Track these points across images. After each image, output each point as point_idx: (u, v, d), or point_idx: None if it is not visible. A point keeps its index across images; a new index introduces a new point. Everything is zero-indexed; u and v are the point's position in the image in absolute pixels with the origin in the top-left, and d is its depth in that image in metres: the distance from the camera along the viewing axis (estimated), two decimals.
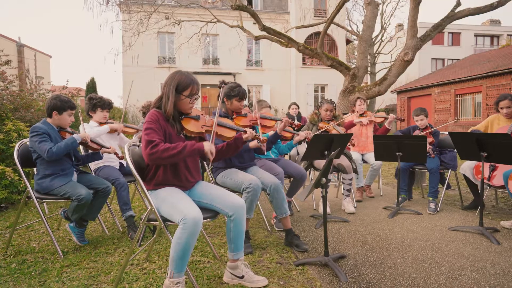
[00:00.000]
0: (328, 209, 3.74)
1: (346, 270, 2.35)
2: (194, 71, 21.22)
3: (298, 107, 6.45)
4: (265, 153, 3.12)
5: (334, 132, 3.94)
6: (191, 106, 2.15)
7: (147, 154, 1.88)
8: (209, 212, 2.09)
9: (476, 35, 30.23)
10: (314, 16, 21.25)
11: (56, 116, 2.74)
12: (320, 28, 19.72)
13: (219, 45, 21.64)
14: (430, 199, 3.98)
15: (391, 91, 21.01)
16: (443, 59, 28.89)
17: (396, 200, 3.82)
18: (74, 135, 2.67)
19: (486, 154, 3.01)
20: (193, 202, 1.92)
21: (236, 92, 2.89)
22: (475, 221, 3.46)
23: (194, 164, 2.18)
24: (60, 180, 2.61)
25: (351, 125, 4.52)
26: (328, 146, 3.38)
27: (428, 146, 3.96)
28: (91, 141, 2.88)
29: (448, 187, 4.44)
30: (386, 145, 3.78)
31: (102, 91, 33.29)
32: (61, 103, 2.74)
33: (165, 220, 1.94)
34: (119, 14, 10.32)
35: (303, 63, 22.25)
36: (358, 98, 4.76)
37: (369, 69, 25.90)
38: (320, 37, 11.26)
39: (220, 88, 3.03)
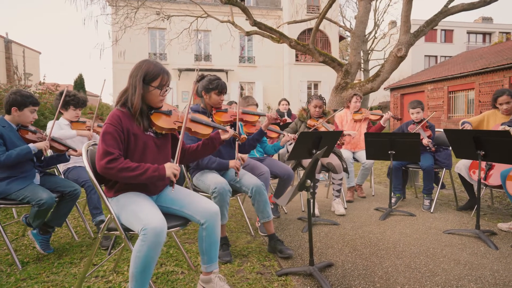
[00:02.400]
0: (316, 211, 3.54)
1: (333, 281, 2.14)
2: (185, 68, 20.90)
3: (288, 104, 6.24)
4: (249, 151, 2.90)
5: (323, 129, 3.73)
6: (162, 99, 1.92)
7: (101, 167, 1.65)
8: (179, 219, 1.86)
9: (469, 32, 30.29)
10: (307, 12, 21.01)
11: (15, 113, 2.48)
12: (313, 24, 19.51)
13: (211, 42, 21.31)
14: (425, 195, 3.80)
15: (384, 88, 20.90)
16: (436, 56, 28.90)
17: (389, 201, 3.63)
18: (31, 145, 2.40)
19: (483, 152, 2.83)
20: (157, 209, 1.69)
21: (215, 85, 2.66)
22: (470, 223, 3.29)
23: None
24: (18, 184, 2.36)
25: (380, 129, 4.30)
26: (316, 144, 3.17)
27: (426, 140, 3.76)
28: (56, 141, 2.63)
29: (443, 186, 4.26)
30: (377, 143, 3.58)
31: (92, 88, 32.76)
32: (21, 98, 2.48)
33: (127, 229, 1.71)
34: (105, 7, 9.96)
35: (296, 60, 22.02)
36: (354, 94, 4.54)
37: (362, 66, 25.79)
38: (312, 33, 11.05)
39: (198, 82, 2.83)
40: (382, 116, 4.34)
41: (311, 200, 2.22)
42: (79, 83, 14.57)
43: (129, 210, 1.67)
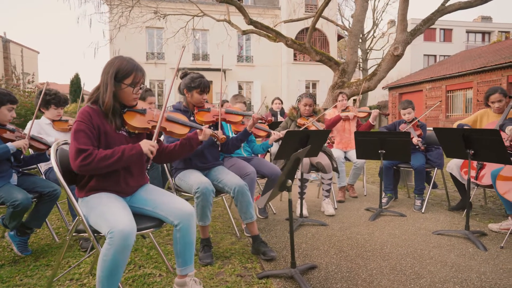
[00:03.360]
0: (305, 212, 3.48)
1: (315, 284, 2.08)
2: (183, 67, 20.74)
3: (282, 103, 6.17)
4: (233, 151, 2.84)
5: (313, 128, 3.67)
6: (135, 97, 1.86)
7: (76, 166, 1.59)
8: (152, 220, 1.80)
9: (468, 32, 30.20)
10: (306, 11, 20.92)
11: None
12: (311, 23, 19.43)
13: (209, 41, 21.23)
14: (416, 195, 3.75)
15: (383, 87, 20.85)
16: (435, 56, 28.83)
17: (379, 201, 3.56)
18: (9, 144, 2.34)
19: (473, 151, 2.76)
20: (127, 211, 1.63)
21: (197, 84, 2.60)
22: (461, 224, 3.22)
23: (138, 165, 1.89)
24: None
25: (337, 120, 4.24)
26: (304, 143, 3.11)
27: (416, 138, 3.71)
28: (36, 140, 2.57)
29: (435, 186, 4.21)
30: (368, 142, 3.52)
31: (90, 87, 32.67)
32: None
33: (96, 231, 1.65)
34: (99, 6, 9.89)
35: (294, 59, 21.95)
36: (340, 92, 4.48)
37: (361, 65, 25.73)
38: (308, 32, 11.00)
39: (181, 79, 2.77)
40: (369, 113, 4.28)
41: (294, 200, 2.15)
42: (76, 82, 14.50)
43: (98, 211, 1.61)
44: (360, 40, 25.58)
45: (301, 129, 3.69)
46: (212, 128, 2.53)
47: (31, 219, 2.52)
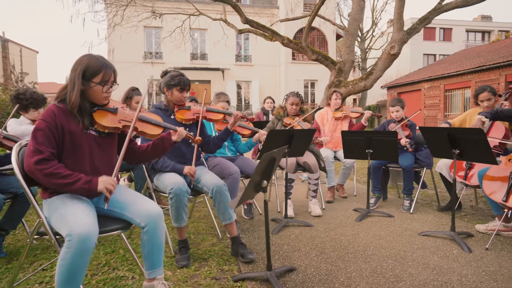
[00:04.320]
0: (291, 212, 3.42)
1: (291, 287, 2.03)
2: (181, 67, 20.75)
3: (274, 102, 6.11)
4: (215, 151, 2.78)
5: (298, 128, 3.61)
6: (106, 96, 1.81)
7: (29, 165, 1.54)
8: (120, 222, 1.75)
9: (468, 31, 30.09)
10: (304, 11, 20.84)
11: None
12: (314, 23, 19.33)
13: (207, 40, 21.17)
14: (405, 196, 3.69)
15: (381, 87, 20.78)
16: (434, 55, 28.73)
17: (367, 202, 3.50)
18: None
19: (458, 151, 2.71)
20: (89, 213, 1.57)
21: (176, 81, 2.55)
22: (449, 224, 3.13)
23: (108, 165, 1.83)
24: None
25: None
26: (288, 142, 3.06)
27: (404, 140, 3.66)
28: (9, 139, 2.52)
29: (424, 186, 4.15)
30: (355, 142, 3.46)
31: None
32: None
33: (58, 233, 1.60)
34: (94, 4, 9.84)
35: (293, 59, 21.89)
36: (334, 91, 4.42)
37: (360, 64, 25.63)
38: (305, 30, 10.92)
39: (161, 77, 2.72)
40: (362, 114, 4.23)
41: (281, 201, 2.10)
42: None
43: (59, 213, 1.56)
44: (359, 40, 25.51)
45: (287, 128, 3.64)
46: (187, 129, 2.48)
47: (6, 220, 2.47)
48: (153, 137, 1.94)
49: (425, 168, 3.71)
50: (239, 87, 22.44)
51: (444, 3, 9.83)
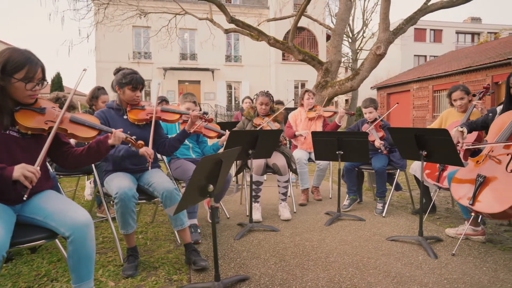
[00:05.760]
0: (258, 216, 3.29)
1: None
2: (171, 67, 20.57)
3: (252, 102, 5.98)
4: (170, 153, 2.65)
5: (268, 128, 3.49)
6: (31, 95, 1.66)
7: None
8: (43, 231, 1.60)
9: (458, 32, 30.34)
10: (294, 11, 20.76)
11: None
12: (301, 23, 19.24)
13: (197, 40, 20.99)
14: (378, 199, 3.59)
15: (371, 87, 20.79)
16: (425, 56, 28.90)
17: (337, 205, 3.38)
18: None
19: (426, 152, 2.60)
20: (2, 222, 1.42)
21: (128, 80, 2.40)
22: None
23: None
24: None
25: (291, 136, 4.11)
26: (253, 144, 2.93)
27: (378, 142, 3.55)
28: None
29: (399, 188, 4.05)
30: (325, 143, 3.34)
31: (72, 86, 32.27)
32: None
33: None
34: (76, 2, 9.62)
35: (283, 59, 21.80)
36: (306, 91, 4.30)
37: (350, 65, 25.65)
38: (291, 30, 10.82)
39: (114, 75, 2.57)
40: (335, 113, 4.11)
41: (216, 209, 1.96)
42: (57, 82, 14.20)
43: None
44: (350, 40, 25.51)
45: (257, 129, 3.50)
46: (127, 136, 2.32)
47: None
48: (86, 140, 1.80)
49: (398, 170, 3.61)
50: (229, 87, 22.30)
51: (430, 3, 9.81)
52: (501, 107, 2.66)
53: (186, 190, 1.69)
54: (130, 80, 2.41)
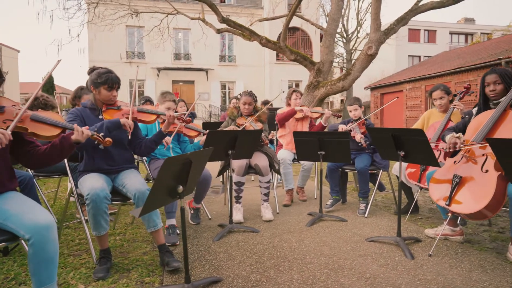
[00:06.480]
0: (239, 217, 3.27)
1: None
2: (164, 67, 20.48)
3: None
4: (147, 154, 2.62)
5: (251, 128, 3.47)
6: None
7: None
8: (4, 234, 1.57)
9: (452, 33, 30.52)
10: (288, 11, 20.75)
11: None
12: (295, 23, 19.25)
13: (191, 40, 20.91)
14: (361, 199, 3.58)
15: (365, 88, 20.85)
16: (419, 56, 29.02)
17: (319, 206, 3.37)
18: None
19: (403, 153, 2.59)
20: None
21: (103, 79, 2.37)
22: (402, 228, 3.04)
23: None
24: None
25: (291, 114, 4.04)
26: (232, 144, 2.90)
27: (359, 136, 3.53)
28: None
29: (382, 188, 4.04)
30: (307, 143, 3.33)
31: (66, 86, 32.07)
32: None
33: None
34: (65, 2, 9.54)
35: (277, 59, 21.78)
36: (294, 91, 4.28)
37: (345, 65, 25.70)
38: (282, 30, 10.85)
39: (88, 74, 2.54)
40: (322, 114, 4.10)
41: (184, 208, 1.94)
42: (48, 82, 14.08)
43: None
44: (345, 41, 25.57)
45: (240, 129, 3.48)
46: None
47: None
48: (48, 138, 1.77)
49: (381, 170, 3.61)
50: (223, 87, 22.25)
51: (420, 4, 9.85)
52: (476, 109, 2.66)
53: (151, 192, 1.67)
54: (106, 80, 2.37)
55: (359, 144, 3.50)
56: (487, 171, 2.27)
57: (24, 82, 33.31)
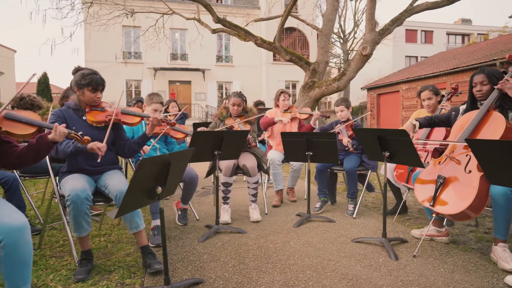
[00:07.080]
0: (227, 218, 3.25)
1: None
2: (161, 67, 20.45)
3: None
4: (131, 156, 2.60)
5: (238, 129, 3.46)
6: None
7: None
8: None
9: (448, 34, 30.60)
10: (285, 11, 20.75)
11: None
12: (292, 23, 19.28)
13: (188, 40, 20.88)
14: (349, 200, 3.57)
15: (361, 88, 20.87)
16: (416, 57, 29.09)
17: (307, 207, 3.36)
18: None
19: (388, 153, 2.59)
20: None
21: (88, 81, 2.35)
22: (388, 229, 3.04)
23: None
24: None
25: (270, 123, 4.06)
26: (218, 145, 2.89)
27: (346, 139, 3.53)
28: None
29: (371, 189, 4.04)
30: (295, 144, 3.32)
31: (64, 86, 32.00)
32: None
33: None
34: (59, 1, 9.51)
35: (274, 59, 21.79)
36: (282, 92, 4.28)
37: (342, 65, 25.71)
38: (277, 30, 10.81)
39: (73, 75, 2.52)
40: (311, 115, 4.10)
41: (163, 210, 1.93)
42: (43, 82, 14.03)
43: None
44: (342, 41, 25.61)
45: (223, 129, 3.47)
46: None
47: None
48: (24, 137, 1.75)
49: (370, 170, 3.60)
50: (220, 87, 22.23)
51: (415, 4, 9.87)
52: (464, 106, 2.66)
53: (127, 193, 1.65)
54: (90, 81, 2.36)
55: (346, 148, 3.50)
56: (470, 171, 2.27)
57: (20, 82, 33.19)
